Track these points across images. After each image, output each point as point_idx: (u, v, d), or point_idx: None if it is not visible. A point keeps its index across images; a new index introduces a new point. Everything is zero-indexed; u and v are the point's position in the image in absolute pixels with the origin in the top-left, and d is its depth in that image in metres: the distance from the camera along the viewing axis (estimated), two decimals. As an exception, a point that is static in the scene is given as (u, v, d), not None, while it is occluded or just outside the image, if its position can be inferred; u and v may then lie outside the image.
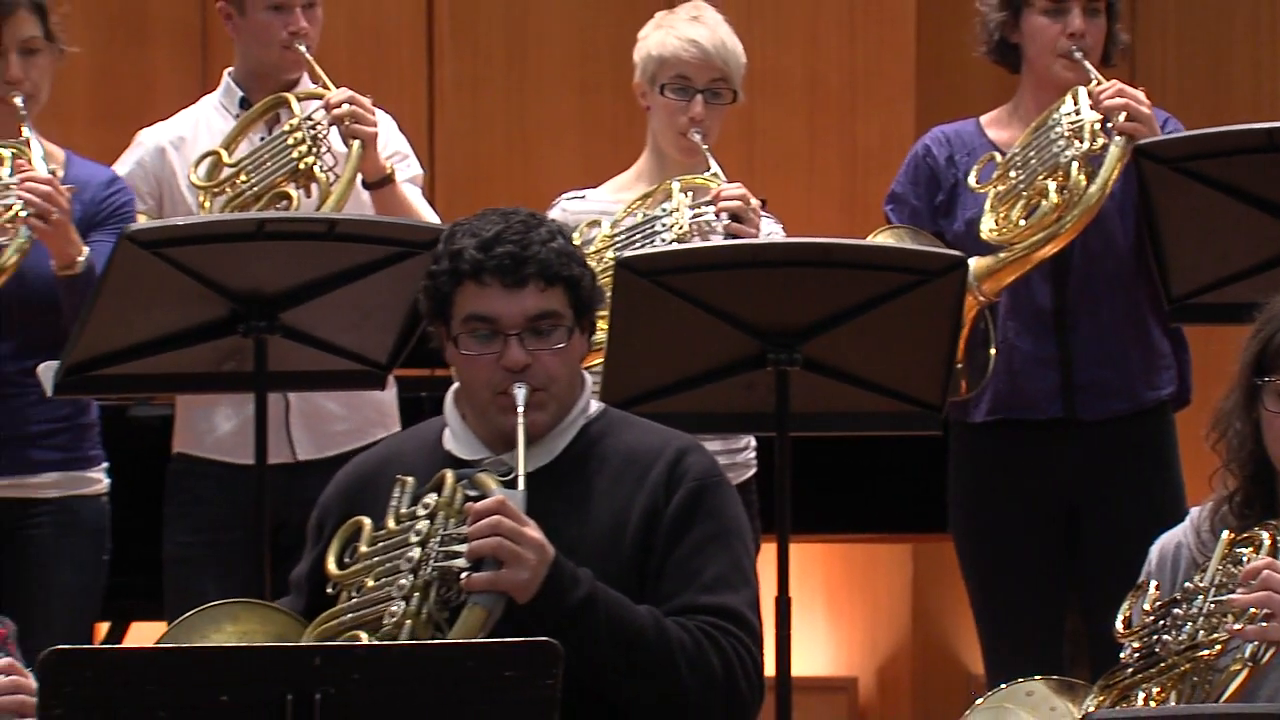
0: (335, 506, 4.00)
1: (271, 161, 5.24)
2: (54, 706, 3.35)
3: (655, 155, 5.35)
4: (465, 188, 7.68)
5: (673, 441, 3.97)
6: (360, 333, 4.81)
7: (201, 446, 5.36)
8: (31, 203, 4.84)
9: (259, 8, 5.33)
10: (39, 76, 5.04)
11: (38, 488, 5.04)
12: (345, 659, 3.47)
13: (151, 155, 5.39)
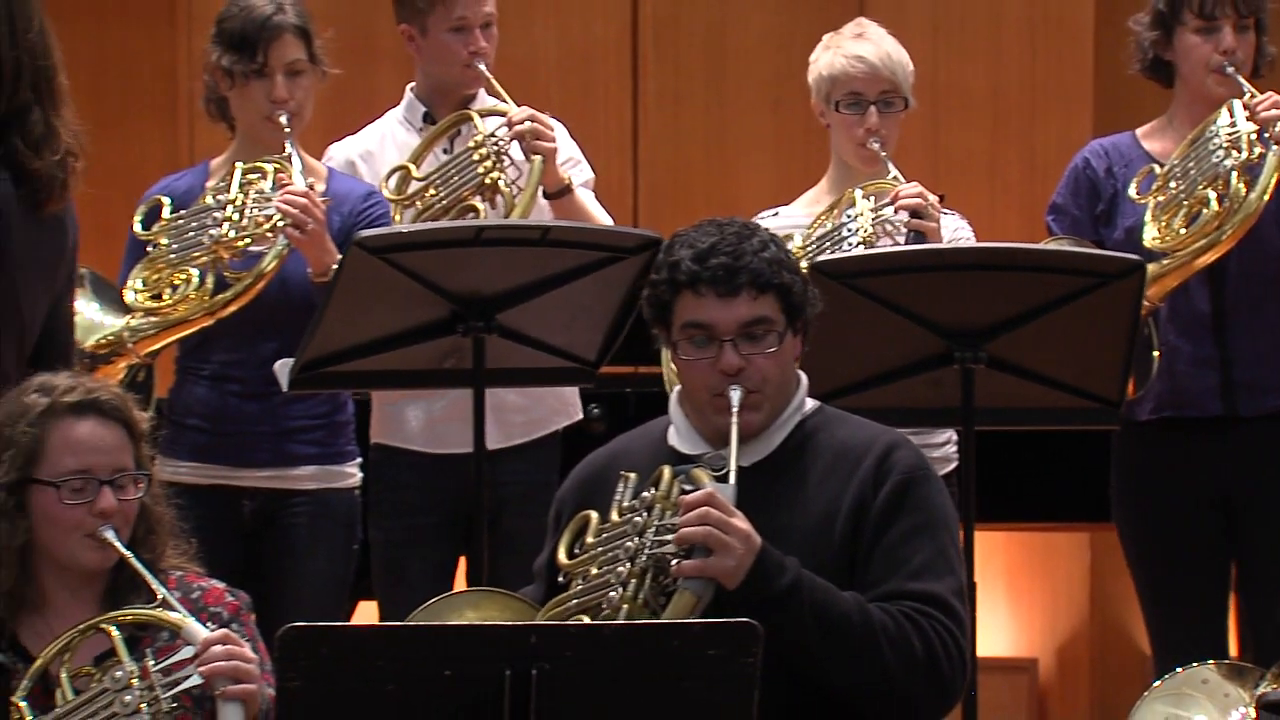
0: (570, 499, 4.04)
1: (459, 176, 5.26)
2: (290, 677, 3.39)
3: (839, 169, 5.34)
4: (666, 197, 7.69)
5: (882, 437, 3.97)
6: (571, 332, 4.82)
7: (396, 437, 5.40)
8: (289, 214, 4.90)
9: (441, 29, 5.36)
10: (303, 96, 5.10)
11: (296, 480, 5.11)
12: (559, 637, 3.49)
13: (342, 168, 5.42)
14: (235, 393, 5.05)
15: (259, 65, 5.04)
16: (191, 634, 3.71)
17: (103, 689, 3.69)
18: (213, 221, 4.98)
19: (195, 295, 4.95)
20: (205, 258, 4.98)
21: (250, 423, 5.09)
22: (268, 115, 5.06)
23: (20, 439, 3.83)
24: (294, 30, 5.06)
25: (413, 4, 5.36)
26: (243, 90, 5.09)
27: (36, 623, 3.85)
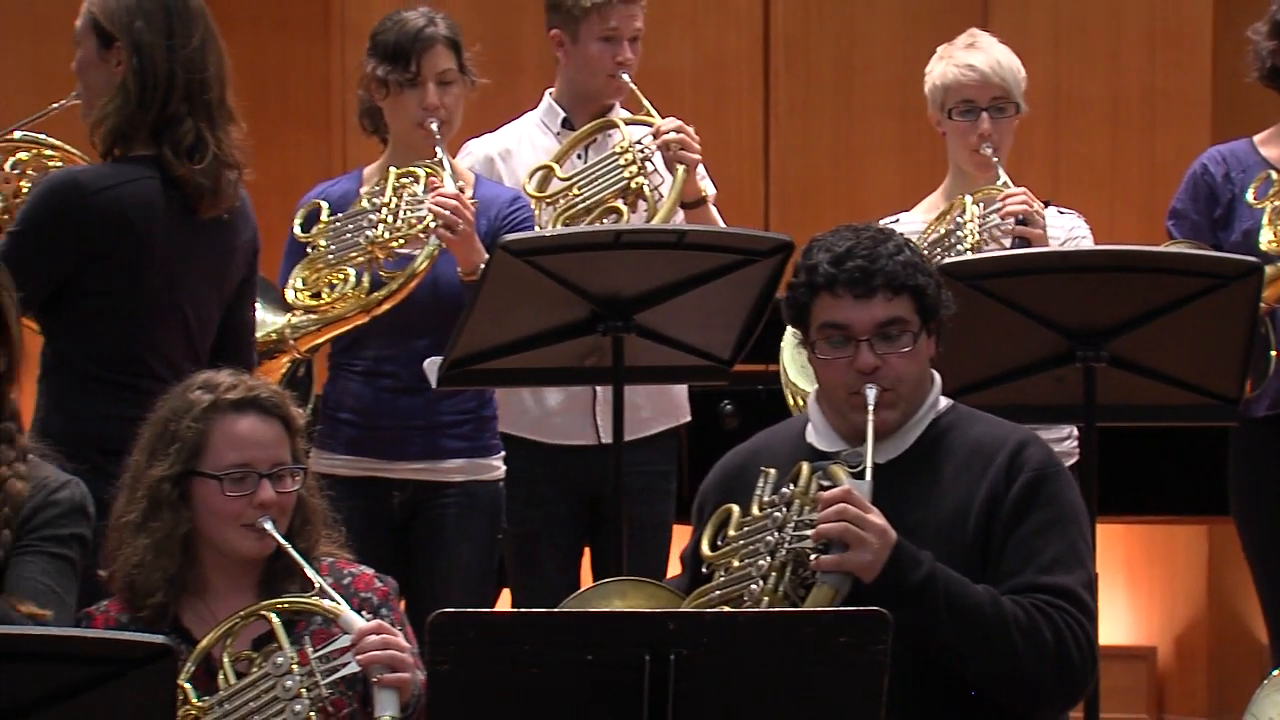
0: (713, 492, 4.04)
1: (604, 179, 5.28)
2: (441, 661, 3.39)
3: (956, 175, 5.32)
4: (795, 203, 7.67)
5: (1014, 434, 3.94)
6: (706, 331, 4.81)
7: (519, 428, 5.41)
8: (440, 215, 4.92)
9: (591, 38, 5.38)
10: (452, 105, 5.13)
11: (445, 472, 5.12)
12: (697, 624, 3.47)
13: (481, 164, 5.44)
14: (388, 388, 5.07)
15: (412, 75, 5.07)
16: (348, 623, 3.73)
17: (264, 674, 3.71)
18: (368, 224, 5.01)
19: (352, 294, 4.98)
20: (361, 258, 5.01)
21: (402, 417, 5.11)
22: (419, 122, 5.09)
23: (185, 433, 3.86)
24: (445, 42, 5.10)
25: (568, 11, 5.38)
26: (396, 99, 5.12)
27: (198, 607, 3.88)
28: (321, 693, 3.69)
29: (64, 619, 3.79)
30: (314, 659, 3.71)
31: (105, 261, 4.50)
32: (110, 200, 4.49)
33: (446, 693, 3.40)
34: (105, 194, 4.49)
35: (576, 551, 5.41)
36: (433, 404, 5.10)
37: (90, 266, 4.49)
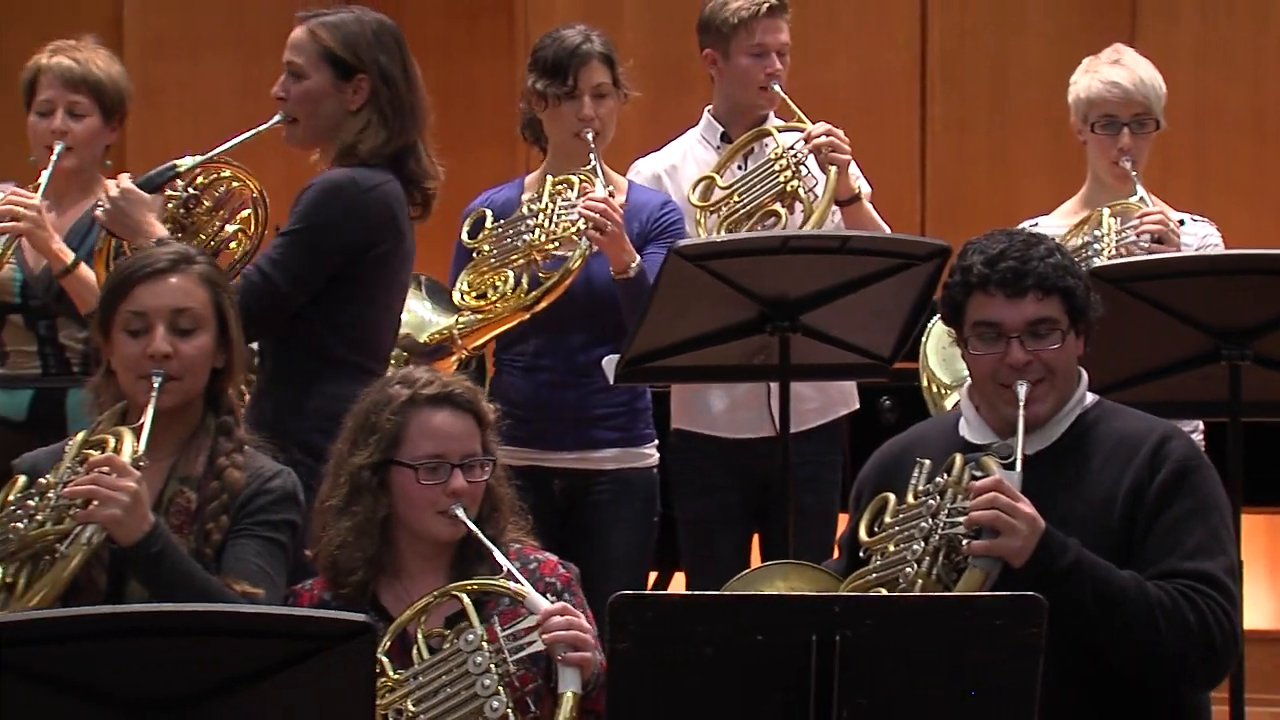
0: (870, 481, 4.04)
1: (761, 185, 5.28)
2: (620, 640, 3.39)
3: (1094, 183, 5.28)
4: (950, 213, 7.62)
5: (1158, 428, 3.92)
6: (868, 331, 4.79)
7: (696, 423, 5.41)
8: (590, 218, 4.93)
9: (741, 54, 5.39)
10: (606, 116, 5.14)
11: (600, 461, 5.12)
12: (861, 607, 3.45)
13: (649, 181, 5.45)
14: (546, 382, 5.08)
15: (569, 88, 5.10)
16: (534, 604, 3.74)
17: (455, 650, 3.73)
18: (526, 228, 5.04)
19: (513, 294, 4.99)
20: (521, 260, 5.03)
21: (560, 409, 5.12)
22: (576, 133, 5.11)
23: (384, 425, 3.89)
24: (600, 58, 5.12)
25: (716, 30, 5.41)
26: (555, 111, 5.15)
27: (395, 586, 3.91)
28: (509, 669, 3.71)
29: (274, 598, 3.84)
30: (502, 637, 3.73)
31: (371, 251, 4.59)
32: (381, 196, 4.61)
33: (625, 670, 3.40)
34: (377, 190, 4.60)
35: (748, 537, 5.41)
36: (588, 397, 5.12)
37: (359, 257, 4.58)
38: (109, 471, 3.71)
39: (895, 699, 3.41)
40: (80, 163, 4.97)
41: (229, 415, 3.99)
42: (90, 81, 4.94)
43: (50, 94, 4.95)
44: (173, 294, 3.94)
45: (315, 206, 4.58)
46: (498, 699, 3.68)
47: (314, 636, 3.14)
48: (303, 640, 3.13)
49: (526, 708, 3.73)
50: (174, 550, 3.76)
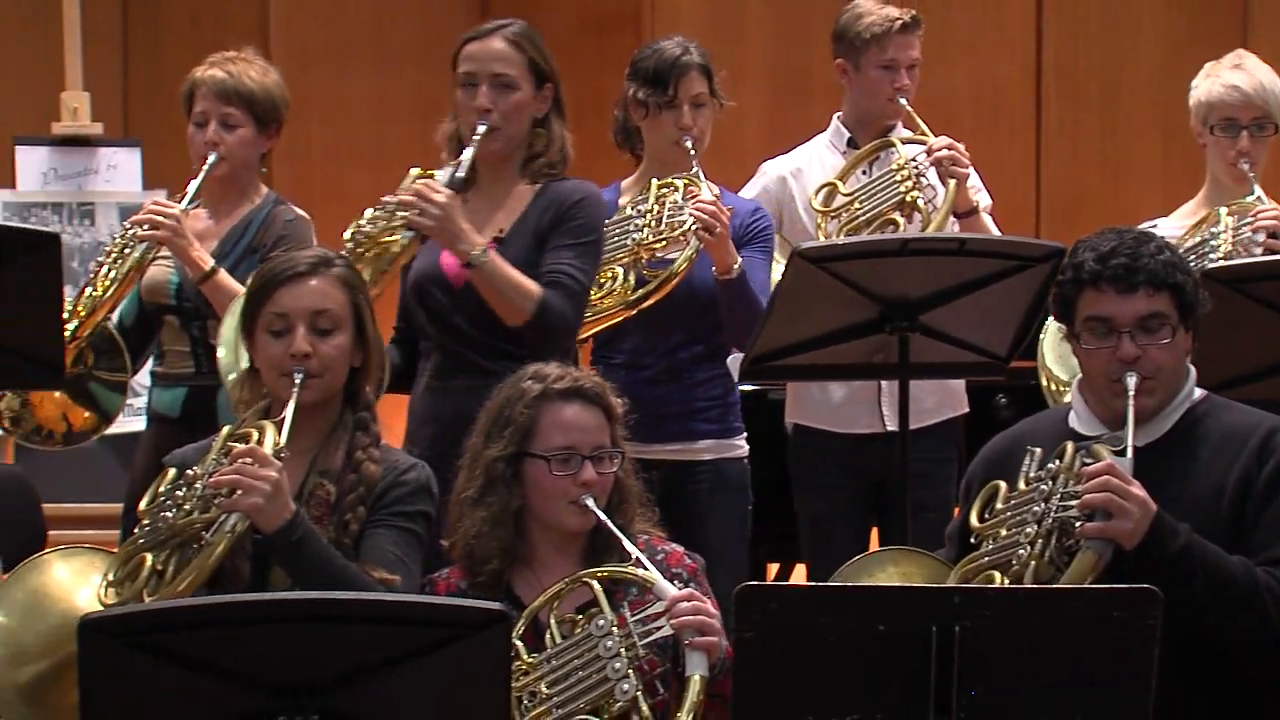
0: (979, 473, 4.01)
1: (882, 193, 5.25)
2: (745, 629, 3.37)
3: (1213, 185, 5.22)
4: (1064, 214, 7.56)
5: (1265, 421, 3.88)
6: (985, 330, 4.74)
7: (813, 419, 5.38)
8: (700, 219, 4.91)
9: (871, 66, 5.37)
10: (704, 125, 5.13)
11: (697, 452, 5.09)
12: (980, 598, 3.42)
13: (775, 183, 5.46)
14: (645, 378, 5.05)
15: (669, 98, 5.08)
16: (662, 591, 3.73)
17: (586, 635, 3.73)
18: (634, 228, 5.02)
19: (620, 290, 4.97)
20: (627, 258, 5.01)
21: (659, 404, 5.09)
22: (675, 140, 5.09)
23: (518, 418, 3.90)
24: (699, 69, 5.12)
25: (850, 42, 5.39)
26: (655, 120, 5.13)
27: (528, 575, 3.91)
28: (638, 653, 3.70)
29: (410, 586, 3.85)
30: (631, 623, 3.72)
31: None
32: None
33: (750, 658, 3.38)
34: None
35: (865, 530, 5.37)
36: (686, 392, 5.10)
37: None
38: (252, 462, 3.73)
39: (1013, 688, 3.37)
40: (234, 171, 5.00)
41: (366, 411, 4.00)
42: (242, 93, 4.97)
43: (205, 106, 4.99)
44: (312, 296, 3.95)
45: (597, 217, 4.71)
46: (628, 682, 3.67)
47: (453, 624, 3.14)
48: (442, 627, 3.13)
49: (655, 690, 3.72)
50: (314, 538, 3.77)
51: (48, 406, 5.00)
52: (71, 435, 5.04)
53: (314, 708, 3.09)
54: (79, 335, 4.87)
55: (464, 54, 4.69)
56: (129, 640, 3.06)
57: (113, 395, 5.03)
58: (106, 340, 4.95)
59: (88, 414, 5.03)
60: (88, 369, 4.97)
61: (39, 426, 5.03)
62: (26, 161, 6.85)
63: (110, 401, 5.03)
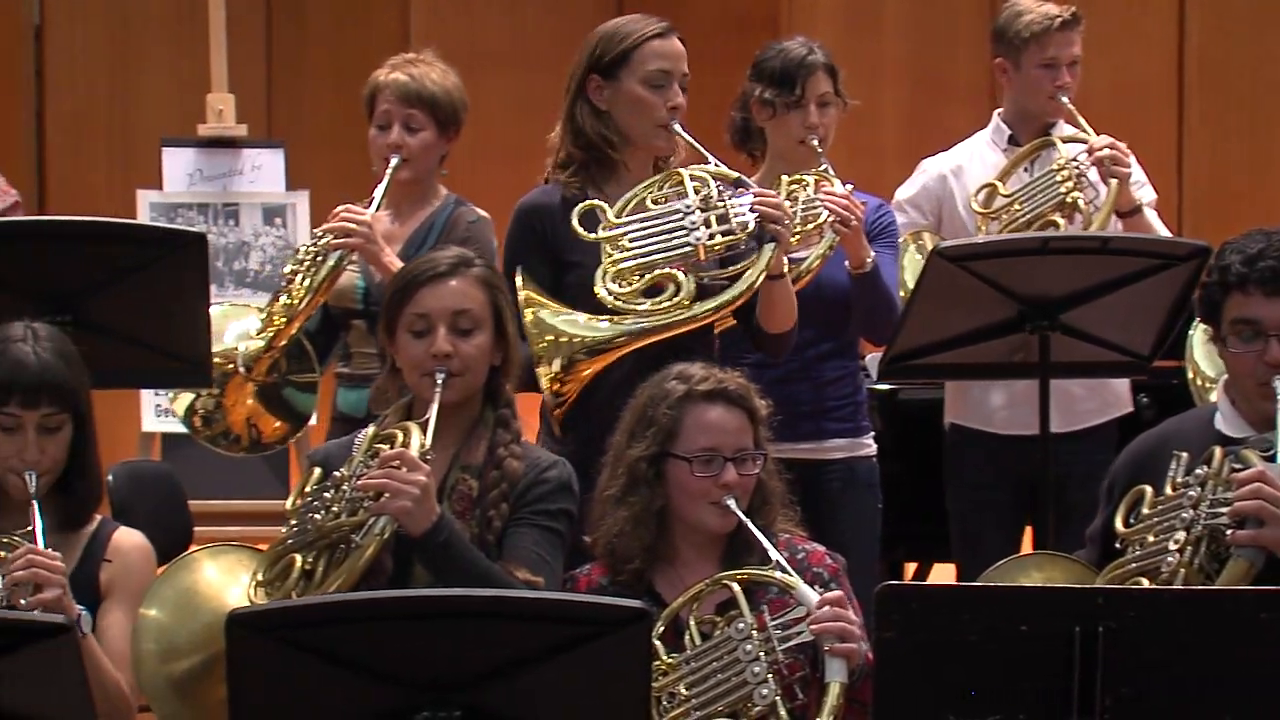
0: (1122, 474, 3.96)
1: (1042, 194, 5.20)
2: (885, 629, 3.35)
3: None
4: (1207, 213, 7.47)
5: None
6: (1127, 330, 4.69)
7: (972, 419, 5.34)
8: (836, 212, 4.87)
9: (1031, 65, 5.32)
10: (829, 124, 5.09)
11: (828, 451, 5.06)
12: (1124, 599, 3.37)
13: (934, 180, 5.42)
14: (778, 377, 5.01)
15: (796, 98, 5.04)
16: (803, 596, 3.72)
17: (726, 637, 3.72)
18: None
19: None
20: (756, 253, 4.98)
21: (789, 403, 5.05)
22: (801, 140, 5.05)
23: (660, 419, 3.90)
24: (824, 68, 5.08)
25: (1009, 41, 5.35)
26: (781, 120, 5.08)
27: (669, 574, 3.90)
28: (777, 657, 3.69)
29: (552, 584, 3.85)
30: (770, 626, 3.70)
31: None
32: None
33: (891, 658, 3.36)
34: None
35: (1017, 533, 5.31)
36: (817, 390, 5.06)
37: None
38: (400, 466, 3.75)
39: (1158, 690, 3.32)
40: (416, 174, 5.01)
41: (506, 408, 4.02)
42: (425, 96, 4.98)
43: (387, 108, 5.01)
44: (453, 296, 3.97)
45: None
46: (766, 686, 3.66)
47: (593, 622, 3.14)
48: (583, 625, 3.13)
49: (794, 695, 3.70)
50: (459, 539, 3.79)
51: (239, 411, 5.07)
52: (258, 444, 5.10)
53: (457, 703, 3.11)
54: (275, 344, 4.87)
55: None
56: (276, 636, 3.10)
57: (306, 397, 5.08)
58: (295, 345, 5.00)
59: (278, 424, 5.08)
60: (282, 376, 5.02)
61: (228, 430, 5.09)
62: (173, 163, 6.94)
63: (304, 403, 5.09)
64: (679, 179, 4.49)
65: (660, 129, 4.56)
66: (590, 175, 4.55)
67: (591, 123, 4.56)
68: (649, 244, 4.43)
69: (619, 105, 4.57)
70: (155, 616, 3.89)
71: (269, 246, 6.86)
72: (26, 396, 3.83)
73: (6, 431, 3.84)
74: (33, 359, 3.85)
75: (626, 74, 4.57)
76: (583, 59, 4.60)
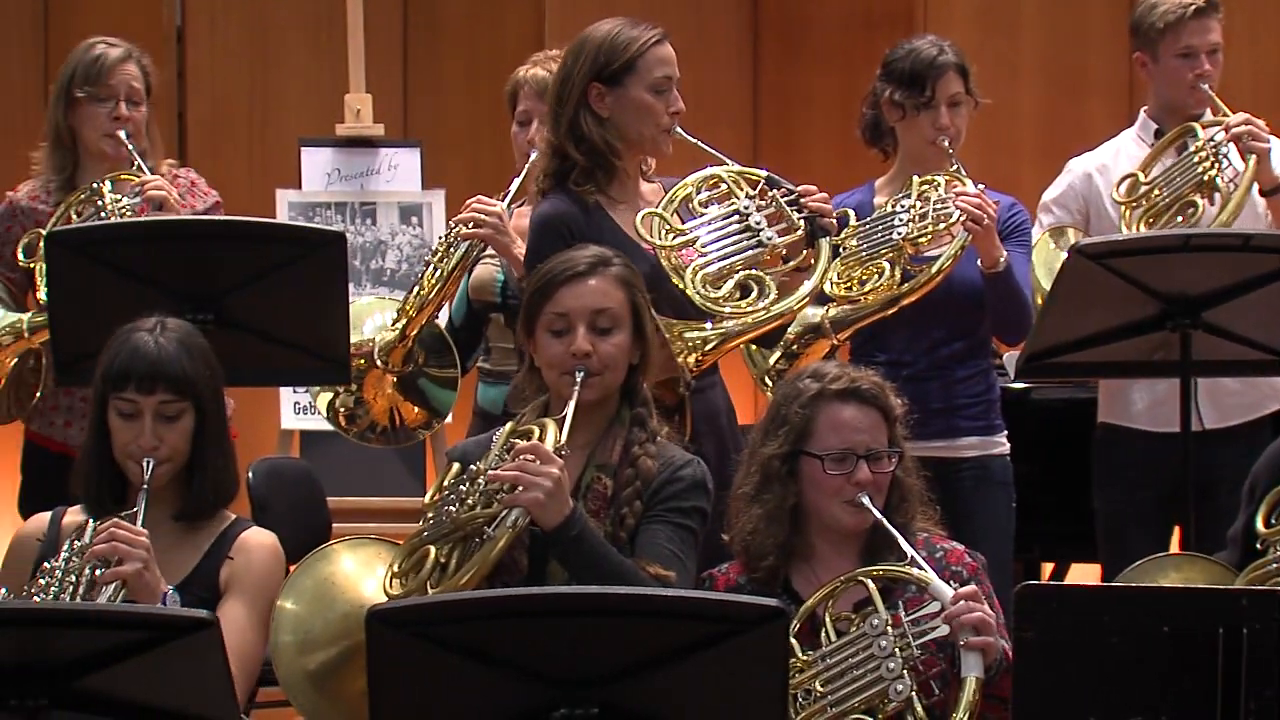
0: (1263, 475, 3.92)
1: (1181, 177, 5.16)
2: (1025, 629, 3.33)
3: None
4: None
5: None
6: (1271, 328, 4.63)
7: (1121, 418, 5.29)
8: (968, 211, 4.84)
9: (1169, 55, 5.30)
10: (961, 123, 5.05)
11: (960, 449, 5.03)
12: (1270, 601, 3.32)
13: (1080, 179, 5.40)
14: (910, 375, 4.98)
15: (927, 98, 5.01)
16: (939, 591, 3.70)
17: (862, 633, 3.71)
18: (899, 223, 4.95)
19: (885, 284, 4.90)
20: (892, 254, 4.94)
21: (922, 401, 5.02)
22: (931, 140, 5.02)
23: (794, 417, 3.89)
24: (955, 68, 5.04)
25: (1145, 34, 5.33)
26: (911, 121, 5.06)
27: (805, 571, 3.89)
28: (913, 652, 3.67)
29: (685, 582, 3.86)
30: (906, 622, 3.69)
31: None
32: None
33: (1031, 658, 3.34)
34: None
35: (1164, 533, 5.24)
36: (950, 389, 5.03)
37: None
38: (534, 459, 3.76)
39: (1304, 693, 3.27)
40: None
41: (643, 407, 4.02)
42: None
43: (527, 105, 5.06)
44: (592, 295, 3.98)
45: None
46: (903, 682, 3.64)
47: (730, 619, 3.14)
48: (719, 623, 3.13)
49: (931, 691, 3.69)
50: (591, 534, 3.80)
51: (380, 403, 5.12)
52: (400, 431, 5.15)
53: (594, 700, 3.11)
54: (408, 334, 4.97)
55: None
56: (415, 631, 3.12)
57: (444, 392, 5.13)
58: (436, 339, 5.05)
59: (418, 410, 5.13)
60: (418, 367, 5.08)
61: (373, 423, 5.15)
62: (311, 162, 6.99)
63: (442, 399, 5.14)
64: (716, 180, 4.54)
65: (664, 133, 4.57)
66: (596, 181, 4.54)
67: (597, 130, 4.53)
68: (723, 247, 4.48)
69: (623, 111, 4.55)
70: (292, 608, 3.93)
71: (405, 245, 6.89)
72: (142, 382, 3.90)
73: (127, 418, 3.91)
74: (151, 347, 3.92)
75: (633, 81, 4.56)
76: (582, 67, 4.55)
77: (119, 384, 3.91)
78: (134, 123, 5.19)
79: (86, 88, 5.19)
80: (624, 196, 4.57)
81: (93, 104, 5.19)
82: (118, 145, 5.16)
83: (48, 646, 3.17)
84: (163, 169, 5.28)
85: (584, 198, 4.52)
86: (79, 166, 5.25)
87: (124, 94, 5.18)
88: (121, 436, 3.91)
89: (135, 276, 4.45)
